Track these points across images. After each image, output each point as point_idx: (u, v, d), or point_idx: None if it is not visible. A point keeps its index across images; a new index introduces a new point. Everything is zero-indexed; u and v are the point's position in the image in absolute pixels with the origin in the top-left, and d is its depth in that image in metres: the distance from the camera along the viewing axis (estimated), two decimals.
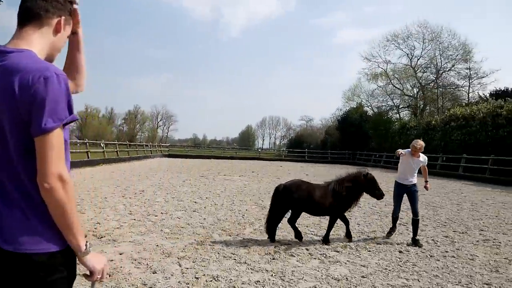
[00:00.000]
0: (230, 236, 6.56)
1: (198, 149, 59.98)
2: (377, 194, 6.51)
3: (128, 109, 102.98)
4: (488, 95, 35.55)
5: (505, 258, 5.76)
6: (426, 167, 7.10)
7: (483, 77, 41.15)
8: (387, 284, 4.49)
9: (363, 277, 4.71)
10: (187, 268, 4.78)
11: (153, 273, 4.59)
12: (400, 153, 6.88)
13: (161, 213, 8.29)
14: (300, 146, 62.03)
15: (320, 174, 23.40)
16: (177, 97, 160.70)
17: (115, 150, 29.13)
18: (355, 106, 48.90)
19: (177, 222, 7.39)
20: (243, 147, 78.82)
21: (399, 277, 4.74)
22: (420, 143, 6.88)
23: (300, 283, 4.45)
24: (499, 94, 31.81)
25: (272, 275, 4.68)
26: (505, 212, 10.24)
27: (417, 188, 6.83)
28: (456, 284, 4.55)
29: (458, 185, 18.57)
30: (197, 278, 4.45)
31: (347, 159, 44.59)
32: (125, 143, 35.70)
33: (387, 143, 37.78)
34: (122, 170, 19.70)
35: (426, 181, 7.03)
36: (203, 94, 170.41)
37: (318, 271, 4.91)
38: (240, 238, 6.44)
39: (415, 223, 6.57)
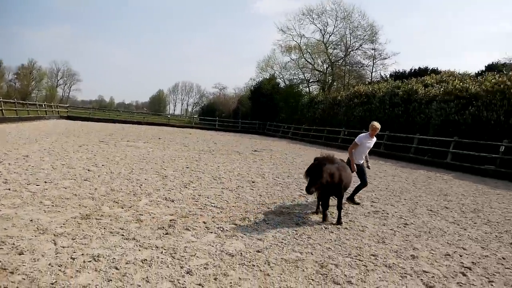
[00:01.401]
0: (122, 208, 6.00)
1: (103, 112, 56.04)
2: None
3: (22, 63, 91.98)
4: (388, 75, 38.46)
5: (391, 229, 6.11)
6: None
7: (385, 59, 44.50)
8: (281, 258, 4.40)
9: (258, 251, 4.58)
10: (63, 247, 4.18)
11: (19, 254, 3.92)
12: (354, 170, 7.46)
13: (45, 182, 7.33)
14: (213, 114, 61.62)
15: (228, 143, 23.33)
16: (81, 55, 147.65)
17: (0, 108, 25.68)
18: (268, 77, 49.50)
19: (61, 193, 6.58)
20: (153, 112, 75.81)
21: (293, 251, 4.70)
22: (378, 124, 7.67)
23: (191, 261, 4.15)
24: (397, 76, 34.56)
25: (162, 252, 4.31)
26: (393, 185, 11.08)
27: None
28: (346, 256, 4.64)
29: None
30: (73, 259, 3.90)
31: (257, 129, 45.43)
32: (13, 101, 31.63)
33: (296, 115, 39.08)
34: (6, 132, 17.42)
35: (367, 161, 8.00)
36: (111, 53, 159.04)
37: (212, 246, 4.66)
38: (133, 210, 5.92)
39: (359, 187, 7.77)
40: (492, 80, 18.19)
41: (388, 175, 13.49)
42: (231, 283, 3.68)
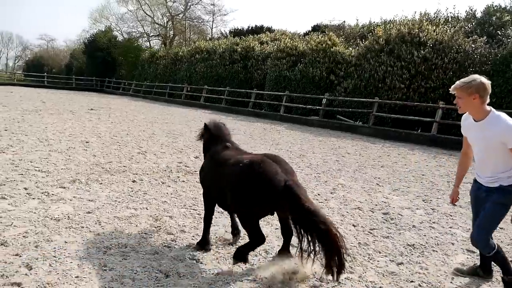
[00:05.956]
0: None
1: None
2: None
3: None
4: (228, 32, 39.40)
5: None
6: None
7: (224, 15, 45.42)
8: (114, 217, 4.27)
9: (88, 212, 4.33)
10: None
11: None
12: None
13: None
14: (41, 70, 54.28)
15: (60, 101, 20.95)
16: None
17: None
18: (103, 30, 45.31)
19: None
20: None
21: (127, 208, 4.60)
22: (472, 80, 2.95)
23: (7, 231, 3.68)
24: (236, 32, 35.64)
25: None
26: (233, 138, 11.67)
27: (500, 197, 3.03)
28: (182, 208, 4.78)
29: (198, 113, 20.24)
30: None
31: (95, 87, 41.96)
32: None
33: (136, 71, 37.23)
34: None
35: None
36: None
37: (34, 213, 4.21)
38: None
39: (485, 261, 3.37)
40: (316, 40, 20.32)
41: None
42: (54, 248, 3.42)
